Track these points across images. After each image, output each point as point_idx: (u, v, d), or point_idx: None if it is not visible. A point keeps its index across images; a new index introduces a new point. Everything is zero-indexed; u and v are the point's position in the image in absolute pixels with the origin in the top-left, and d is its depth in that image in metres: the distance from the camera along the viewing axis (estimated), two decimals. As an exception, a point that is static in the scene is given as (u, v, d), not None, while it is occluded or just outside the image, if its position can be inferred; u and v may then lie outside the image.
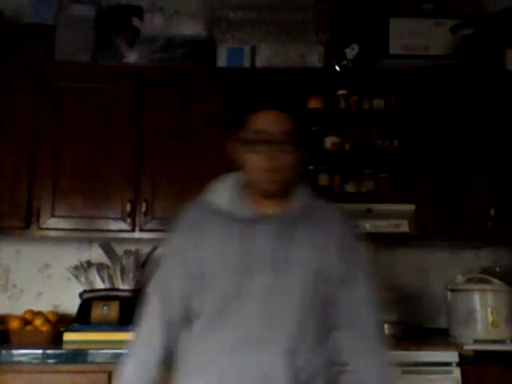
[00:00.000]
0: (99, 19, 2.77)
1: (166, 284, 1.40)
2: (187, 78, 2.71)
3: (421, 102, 2.74)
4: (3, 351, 2.22)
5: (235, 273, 1.32)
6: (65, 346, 2.34)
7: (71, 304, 2.72)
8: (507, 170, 2.71)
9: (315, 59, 2.77)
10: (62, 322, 2.60)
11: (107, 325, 2.50)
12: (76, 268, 2.71)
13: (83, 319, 2.54)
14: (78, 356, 2.25)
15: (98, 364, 2.23)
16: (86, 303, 2.58)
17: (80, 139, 2.64)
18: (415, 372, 2.27)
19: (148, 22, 2.77)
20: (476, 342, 2.44)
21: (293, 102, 1.38)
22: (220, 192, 1.41)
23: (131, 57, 2.70)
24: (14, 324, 2.44)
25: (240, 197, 1.38)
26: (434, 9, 2.94)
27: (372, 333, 1.39)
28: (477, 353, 2.36)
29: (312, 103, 2.76)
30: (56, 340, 2.42)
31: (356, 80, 2.81)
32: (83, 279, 2.68)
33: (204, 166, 2.62)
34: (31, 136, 2.62)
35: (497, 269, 2.82)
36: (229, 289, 1.32)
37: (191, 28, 2.77)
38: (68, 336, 2.44)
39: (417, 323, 2.73)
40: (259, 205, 1.37)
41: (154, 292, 1.42)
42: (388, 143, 2.80)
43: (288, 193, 1.38)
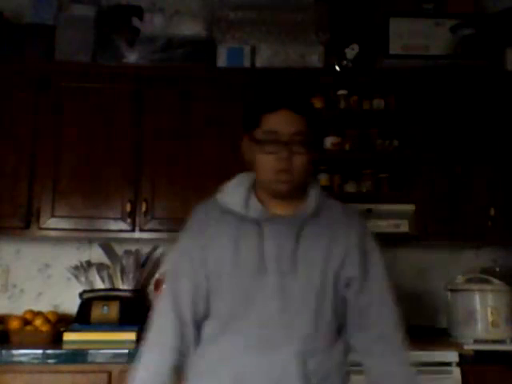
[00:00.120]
0: (99, 19, 2.77)
1: (178, 285, 1.39)
2: (187, 78, 2.71)
3: (421, 102, 2.74)
4: (3, 351, 2.22)
5: (246, 274, 1.32)
6: (65, 346, 2.34)
7: (71, 304, 2.72)
8: (507, 170, 2.71)
9: (315, 59, 2.77)
10: (62, 322, 2.59)
11: (107, 325, 2.50)
12: (76, 268, 2.72)
13: (83, 319, 2.54)
14: (78, 356, 2.24)
15: (98, 364, 2.23)
16: (86, 303, 2.59)
17: (80, 139, 2.64)
18: (415, 372, 2.27)
19: (148, 22, 2.77)
20: (476, 342, 2.44)
21: (306, 103, 1.38)
22: (232, 192, 1.40)
23: (131, 57, 2.70)
24: (14, 324, 2.44)
25: (252, 197, 1.37)
26: (434, 9, 2.94)
27: (393, 332, 1.38)
28: (477, 353, 2.36)
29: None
30: (56, 340, 2.42)
31: (356, 80, 2.81)
32: (83, 279, 2.68)
33: (204, 166, 2.62)
34: (31, 136, 2.62)
35: (497, 269, 2.82)
36: (240, 290, 1.32)
37: (191, 28, 2.77)
38: (68, 336, 2.44)
39: (417, 323, 2.74)
40: (270, 205, 1.37)
41: (166, 293, 1.41)
42: (388, 143, 2.80)
43: (300, 194, 1.38)
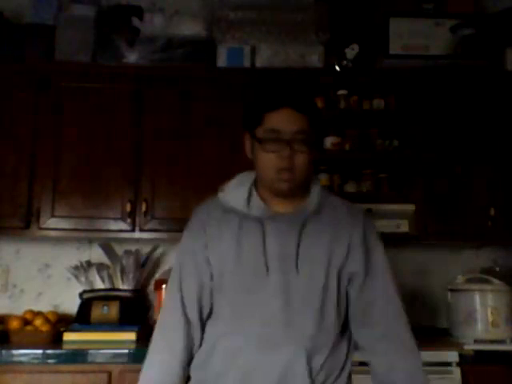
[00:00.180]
0: (99, 19, 2.77)
1: (183, 285, 1.39)
2: (187, 78, 2.71)
3: (421, 102, 2.74)
4: (3, 351, 2.22)
5: (249, 272, 1.32)
6: (65, 346, 2.34)
7: (71, 304, 2.72)
8: (507, 170, 2.71)
9: (315, 59, 2.77)
10: (62, 322, 2.60)
11: (107, 325, 2.50)
12: (76, 268, 2.72)
13: (83, 319, 2.54)
14: (78, 356, 2.24)
15: (98, 364, 2.23)
16: (86, 303, 2.59)
17: (80, 139, 2.64)
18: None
19: (148, 22, 2.77)
20: (476, 342, 2.44)
21: (308, 102, 1.37)
22: (233, 191, 1.40)
23: (131, 57, 2.70)
24: (14, 324, 2.44)
25: (253, 196, 1.37)
26: (434, 9, 2.94)
27: (397, 331, 1.36)
28: (477, 353, 2.36)
29: (312, 103, 2.77)
30: (56, 340, 2.41)
31: (356, 80, 2.81)
32: (83, 279, 2.68)
33: (204, 166, 2.62)
34: (31, 136, 2.62)
35: (497, 269, 2.83)
36: (243, 288, 1.32)
37: (191, 28, 2.77)
38: (68, 336, 2.44)
39: (417, 323, 2.73)
40: (272, 204, 1.37)
41: (171, 293, 1.41)
42: (388, 143, 2.80)
43: (301, 192, 1.38)
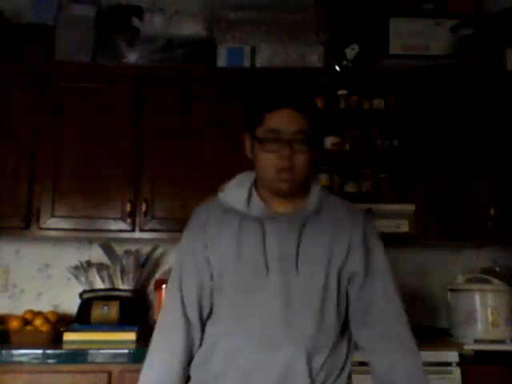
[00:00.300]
0: (99, 19, 2.77)
1: (181, 285, 1.39)
2: (187, 78, 2.70)
3: (421, 102, 2.74)
4: (3, 351, 2.22)
5: (249, 272, 1.32)
6: (65, 346, 2.34)
7: (71, 304, 2.72)
8: (507, 170, 2.71)
9: (315, 59, 2.77)
10: (62, 322, 2.59)
11: (107, 325, 2.50)
12: (76, 268, 2.72)
13: (83, 319, 2.54)
14: (78, 356, 2.24)
15: (98, 364, 2.23)
16: (86, 303, 2.58)
17: (80, 139, 2.64)
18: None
19: (148, 22, 2.77)
20: (476, 342, 2.44)
21: (309, 102, 1.37)
22: (233, 191, 1.40)
23: (131, 57, 2.70)
24: (14, 324, 2.44)
25: (253, 196, 1.37)
26: (434, 9, 2.94)
27: (397, 331, 1.36)
28: (477, 353, 2.36)
29: (312, 103, 2.77)
30: (56, 340, 2.41)
31: (356, 80, 2.81)
32: (83, 279, 2.68)
33: (204, 166, 2.62)
34: (31, 136, 2.62)
35: (497, 269, 2.83)
36: (243, 289, 1.32)
37: (191, 28, 2.77)
38: (68, 336, 2.44)
39: (417, 323, 2.73)
40: (272, 204, 1.37)
41: (171, 293, 1.41)
42: (388, 143, 2.80)
43: (301, 192, 1.38)
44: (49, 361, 2.22)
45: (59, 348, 2.29)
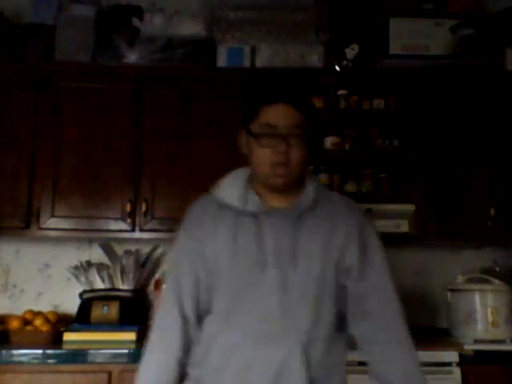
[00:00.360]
0: (99, 19, 2.77)
1: (177, 283, 1.39)
2: (187, 78, 2.71)
3: (421, 102, 2.74)
4: (3, 351, 2.22)
5: (245, 268, 1.31)
6: (65, 346, 2.34)
7: (71, 304, 2.72)
8: (507, 170, 2.71)
9: (315, 59, 2.77)
10: (62, 322, 2.59)
11: (107, 325, 2.50)
12: (76, 268, 2.72)
13: (83, 319, 2.54)
14: (78, 356, 2.24)
15: (98, 364, 2.23)
16: (86, 303, 2.59)
17: (80, 139, 2.64)
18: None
19: (148, 22, 2.77)
20: (476, 342, 2.44)
21: (305, 99, 1.37)
22: (228, 187, 1.40)
23: (131, 57, 2.70)
24: (14, 324, 2.44)
25: (249, 191, 1.37)
26: (434, 9, 2.94)
27: (392, 322, 1.36)
28: (477, 353, 2.36)
29: (312, 103, 2.77)
30: (56, 340, 2.42)
31: (356, 80, 2.81)
32: (83, 279, 2.68)
33: (204, 166, 2.62)
34: (31, 136, 2.62)
35: (497, 269, 2.83)
36: (240, 285, 1.32)
37: (191, 28, 2.77)
38: (68, 336, 2.44)
39: (417, 323, 2.73)
40: (268, 199, 1.37)
41: (167, 291, 1.41)
42: (388, 143, 2.80)
43: (297, 187, 1.38)
44: (49, 361, 2.22)
45: (59, 348, 2.29)
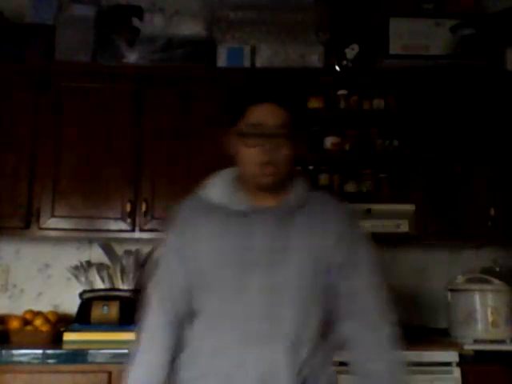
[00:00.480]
0: (99, 19, 2.77)
1: (166, 283, 1.39)
2: (187, 78, 2.70)
3: (421, 102, 2.74)
4: (3, 351, 2.22)
5: (233, 267, 1.31)
6: (65, 346, 2.34)
7: (71, 304, 2.72)
8: (507, 170, 2.71)
9: (315, 59, 2.77)
10: (62, 322, 2.60)
11: (107, 325, 2.51)
12: (76, 268, 2.72)
13: (83, 319, 2.54)
14: (78, 356, 2.24)
15: (98, 364, 2.23)
16: (86, 303, 2.58)
17: (80, 139, 2.64)
18: (415, 372, 2.25)
19: (148, 22, 2.77)
20: (476, 342, 2.44)
21: (292, 98, 1.37)
22: (215, 187, 1.40)
23: (131, 57, 2.70)
24: (14, 324, 2.44)
25: (236, 190, 1.37)
26: (434, 9, 2.94)
27: (379, 320, 1.36)
28: (477, 353, 2.36)
29: (312, 103, 2.76)
30: (56, 340, 2.42)
31: (356, 80, 2.81)
32: (83, 279, 2.68)
33: (204, 166, 2.60)
34: (31, 136, 2.62)
35: (497, 269, 2.83)
36: (228, 284, 1.31)
37: (191, 28, 2.77)
38: (68, 336, 2.44)
39: (417, 323, 2.74)
40: (255, 198, 1.36)
41: (155, 292, 1.41)
42: (388, 143, 2.80)
43: (285, 186, 1.37)
44: (49, 361, 2.22)
45: (59, 348, 2.29)
